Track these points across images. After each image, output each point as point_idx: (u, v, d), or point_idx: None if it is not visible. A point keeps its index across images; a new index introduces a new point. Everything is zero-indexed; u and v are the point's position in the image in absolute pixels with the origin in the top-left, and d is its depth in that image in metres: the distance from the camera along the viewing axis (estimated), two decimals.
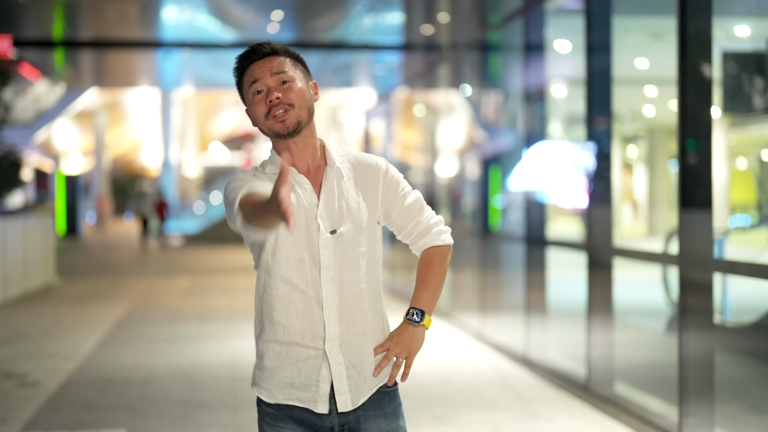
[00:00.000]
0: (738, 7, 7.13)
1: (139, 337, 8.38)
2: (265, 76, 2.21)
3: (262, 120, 2.22)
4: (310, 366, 2.21)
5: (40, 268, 13.07)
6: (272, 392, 2.24)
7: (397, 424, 2.29)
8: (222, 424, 5.20)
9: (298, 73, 2.25)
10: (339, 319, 2.20)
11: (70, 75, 24.10)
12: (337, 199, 2.24)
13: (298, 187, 2.23)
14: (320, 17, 15.03)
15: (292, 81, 2.22)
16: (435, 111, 11.85)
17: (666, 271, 8.26)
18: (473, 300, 8.79)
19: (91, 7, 14.80)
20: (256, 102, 2.22)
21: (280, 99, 2.19)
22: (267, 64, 2.22)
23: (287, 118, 2.19)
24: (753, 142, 9.05)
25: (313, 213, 2.22)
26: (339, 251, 2.21)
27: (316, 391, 2.21)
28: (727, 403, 5.27)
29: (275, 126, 2.20)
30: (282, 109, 2.19)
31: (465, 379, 6.50)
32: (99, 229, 35.25)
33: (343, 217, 2.23)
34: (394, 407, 2.29)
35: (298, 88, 2.22)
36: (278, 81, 2.21)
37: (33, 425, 5.21)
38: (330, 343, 2.20)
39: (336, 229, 2.22)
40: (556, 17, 7.47)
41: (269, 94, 2.20)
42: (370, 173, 2.30)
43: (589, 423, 5.24)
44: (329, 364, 2.20)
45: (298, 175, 2.23)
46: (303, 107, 2.21)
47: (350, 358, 2.22)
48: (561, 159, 9.50)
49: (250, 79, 2.23)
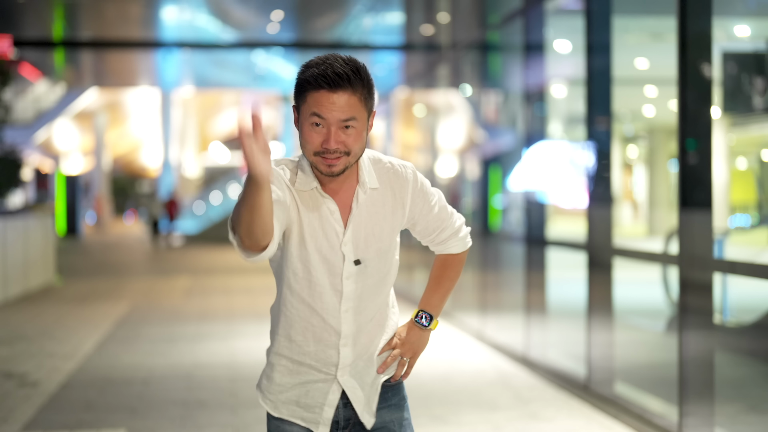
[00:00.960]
0: (738, 7, 7.13)
1: (139, 337, 8.38)
2: (331, 117, 2.02)
3: (310, 152, 2.07)
4: (317, 389, 2.20)
5: (40, 268, 13.07)
6: (277, 406, 2.23)
7: (402, 416, 2.29)
8: (222, 424, 5.20)
9: (364, 112, 2.07)
10: (353, 345, 2.19)
11: (70, 75, 24.11)
12: (364, 225, 2.15)
13: (326, 211, 2.12)
14: (320, 17, 15.03)
15: (355, 126, 2.05)
16: (435, 111, 11.85)
17: (666, 271, 8.26)
18: (473, 300, 8.79)
19: (91, 7, 14.80)
20: (311, 131, 2.05)
21: (339, 148, 2.04)
22: (338, 102, 2.02)
23: (337, 165, 2.06)
24: (753, 142, 9.05)
25: (338, 241, 2.13)
26: (360, 281, 2.16)
27: (320, 413, 2.20)
28: (727, 403, 5.27)
29: (321, 167, 2.07)
30: (335, 156, 2.05)
31: (465, 379, 6.50)
32: (98, 229, 35.26)
33: (368, 246, 2.16)
34: (398, 399, 2.30)
35: (358, 133, 2.06)
36: (342, 125, 2.04)
37: (33, 425, 5.21)
38: (342, 371, 2.19)
39: (360, 260, 2.15)
40: (556, 17, 7.47)
41: (328, 139, 2.03)
42: (398, 191, 2.20)
43: (589, 423, 5.24)
44: (341, 389, 2.20)
45: (326, 198, 2.12)
46: (356, 155, 2.08)
47: (362, 378, 2.22)
48: (561, 159, 9.49)
49: (314, 106, 2.03)
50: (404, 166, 2.24)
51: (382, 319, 2.25)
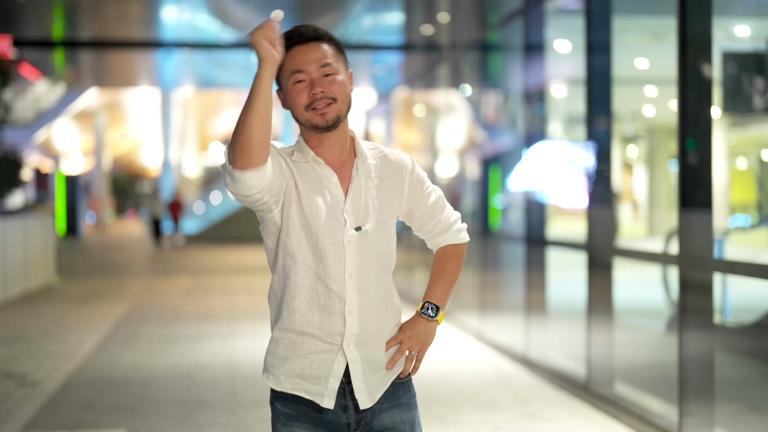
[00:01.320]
0: (738, 7, 7.14)
1: (139, 337, 8.38)
2: (309, 67, 2.14)
3: (301, 110, 2.16)
4: (322, 359, 2.17)
5: (40, 268, 13.07)
6: (280, 380, 2.19)
7: (413, 414, 2.30)
8: (222, 424, 5.20)
9: (340, 64, 2.19)
10: (359, 316, 2.17)
11: (70, 75, 24.11)
12: (363, 196, 2.20)
13: (326, 179, 2.19)
14: (320, 17, 15.03)
15: (336, 73, 2.16)
16: (435, 111, 11.85)
17: (666, 271, 8.26)
18: (473, 300, 8.79)
19: (91, 7, 14.80)
20: (297, 91, 2.15)
21: (324, 93, 2.14)
22: (312, 53, 2.15)
23: (328, 112, 2.15)
24: (753, 142, 9.05)
25: (339, 207, 2.17)
26: (362, 249, 2.18)
27: (325, 385, 2.17)
28: (727, 403, 5.27)
29: (315, 119, 2.15)
30: (324, 103, 2.14)
31: (465, 379, 6.50)
32: (98, 229, 35.26)
33: (369, 215, 2.20)
34: (408, 398, 2.30)
35: (341, 81, 2.17)
36: (322, 73, 2.15)
37: (33, 425, 5.21)
38: (348, 340, 2.17)
39: (361, 226, 2.18)
40: (556, 17, 7.47)
41: (313, 87, 2.14)
42: (397, 171, 2.27)
43: (589, 423, 5.24)
44: (346, 361, 2.18)
45: (325, 167, 2.19)
46: (344, 101, 2.17)
47: (365, 355, 2.20)
48: (561, 159, 9.49)
49: (292, 66, 2.15)
50: (402, 153, 2.32)
51: (388, 300, 2.24)
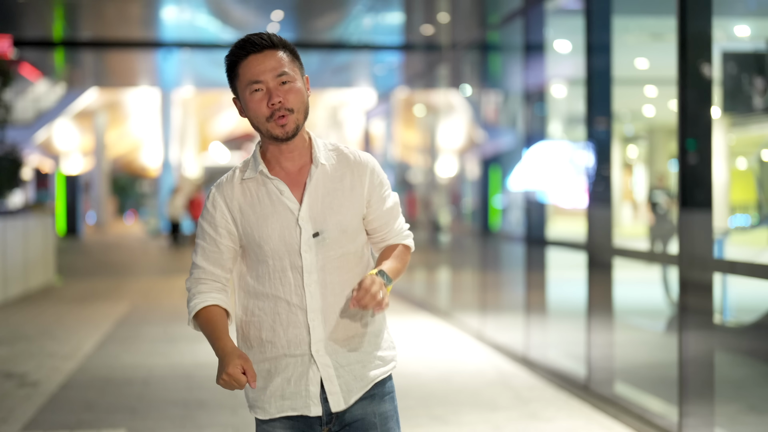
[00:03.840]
0: (738, 7, 7.14)
1: (139, 337, 8.38)
2: (265, 77, 2.15)
3: (261, 121, 2.17)
4: (298, 373, 2.21)
5: (40, 268, 13.07)
6: (266, 409, 2.24)
7: (385, 408, 2.27)
8: (222, 424, 5.20)
9: (296, 71, 2.19)
10: (323, 321, 2.19)
11: (70, 75, 24.11)
12: (321, 199, 2.21)
13: (276, 192, 2.21)
14: (320, 17, 15.02)
15: (292, 81, 2.17)
16: (435, 111, 11.85)
17: (666, 271, 8.26)
18: (473, 300, 8.79)
19: (91, 7, 14.80)
20: (255, 101, 2.16)
21: (282, 104, 2.15)
22: (267, 62, 2.15)
23: (287, 123, 2.16)
24: (753, 142, 9.05)
25: (294, 217, 2.19)
26: (321, 254, 2.19)
27: (307, 396, 2.20)
28: (727, 403, 5.28)
29: (275, 130, 2.16)
30: (282, 114, 2.15)
31: (465, 379, 6.50)
32: (98, 229, 35.27)
33: (326, 218, 2.20)
34: (381, 390, 2.28)
35: (298, 89, 2.17)
36: (279, 81, 2.16)
37: (33, 425, 5.21)
38: (315, 346, 2.19)
39: (318, 232, 2.19)
40: (556, 17, 7.46)
41: (271, 97, 2.15)
42: (357, 170, 2.25)
43: (589, 423, 5.24)
44: (317, 367, 2.20)
45: (274, 179, 2.21)
46: (301, 110, 2.18)
47: (337, 358, 2.22)
48: (561, 159, 9.49)
49: (249, 76, 2.16)
50: (364, 153, 2.30)
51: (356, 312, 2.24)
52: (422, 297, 10.88)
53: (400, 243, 2.36)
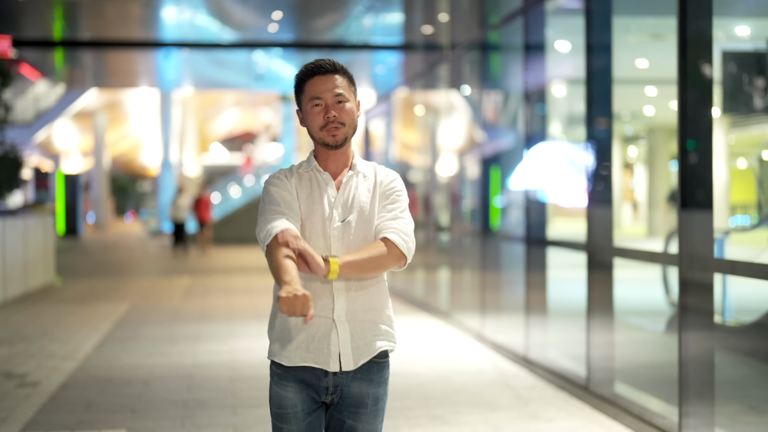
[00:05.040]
0: (738, 7, 7.13)
1: (139, 337, 8.38)
2: (326, 94, 2.64)
3: (316, 130, 2.66)
4: (321, 333, 2.62)
5: (40, 268, 13.07)
6: (291, 357, 2.64)
7: (378, 392, 2.70)
8: (222, 424, 5.20)
9: (351, 94, 2.68)
10: (345, 293, 2.64)
11: (70, 76, 24.10)
12: (351, 196, 2.69)
13: (323, 183, 2.70)
14: (320, 17, 15.02)
15: (346, 101, 2.66)
16: (435, 111, 11.85)
17: (666, 271, 8.26)
18: (473, 300, 8.79)
19: (91, 7, 14.80)
20: (314, 113, 2.65)
21: (336, 118, 2.63)
22: (329, 82, 2.65)
23: (338, 134, 2.65)
24: (753, 142, 9.05)
25: (331, 203, 2.68)
26: (346, 236, 2.66)
27: (328, 353, 2.62)
28: (727, 403, 5.27)
29: (326, 138, 2.66)
30: (335, 126, 2.64)
31: (465, 379, 6.50)
32: (98, 229, 35.25)
33: (353, 209, 2.68)
34: (379, 376, 2.70)
35: (350, 108, 2.66)
36: (336, 100, 2.64)
37: (33, 425, 5.21)
38: (338, 313, 2.63)
39: (346, 218, 2.66)
40: (556, 17, 7.46)
41: (327, 111, 2.64)
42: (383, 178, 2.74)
43: (589, 423, 5.24)
44: (337, 330, 2.62)
45: (324, 173, 2.71)
46: (351, 126, 2.68)
47: (354, 326, 2.64)
48: (561, 159, 9.49)
49: (312, 92, 2.65)
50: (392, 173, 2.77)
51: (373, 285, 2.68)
52: (422, 297, 10.88)
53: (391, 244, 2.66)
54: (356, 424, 2.67)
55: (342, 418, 2.68)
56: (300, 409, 2.65)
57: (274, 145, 47.74)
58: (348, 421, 2.67)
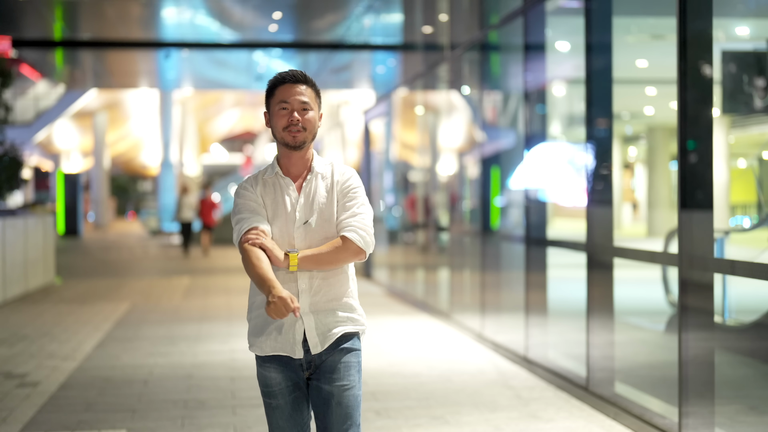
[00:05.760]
0: (738, 7, 7.13)
1: (139, 337, 8.38)
2: (293, 100, 2.95)
3: (279, 130, 2.97)
4: (288, 324, 2.97)
5: (40, 268, 13.07)
6: (263, 348, 3.01)
7: (349, 359, 3.01)
8: (222, 424, 5.20)
9: (315, 105, 3.00)
10: (309, 288, 2.97)
11: (70, 76, 24.09)
12: (312, 198, 3.01)
13: (285, 187, 3.02)
14: (320, 17, 15.03)
15: (310, 110, 2.98)
16: (435, 111, 11.85)
17: (666, 271, 8.26)
18: (473, 300, 8.79)
19: (91, 7, 14.80)
20: (280, 115, 2.97)
21: (299, 121, 2.95)
22: (297, 89, 2.96)
23: (298, 136, 2.96)
24: (753, 142, 9.05)
25: (294, 206, 2.99)
26: (308, 236, 2.98)
27: (293, 342, 2.97)
28: (727, 403, 5.27)
29: (287, 138, 2.97)
30: (297, 129, 2.95)
31: (465, 379, 6.50)
32: (98, 229, 35.24)
33: (313, 211, 3.00)
34: (348, 344, 3.02)
35: (312, 116, 2.98)
36: (301, 107, 2.96)
37: (33, 425, 5.21)
38: (302, 306, 2.95)
39: (307, 220, 2.99)
40: (556, 17, 7.46)
41: (292, 114, 2.95)
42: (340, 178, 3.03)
43: (589, 423, 5.24)
44: (302, 321, 2.96)
45: (285, 178, 3.02)
46: (311, 131, 2.98)
47: (317, 316, 2.99)
48: (561, 159, 9.49)
49: (281, 96, 2.96)
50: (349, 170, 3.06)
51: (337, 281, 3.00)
52: (422, 297, 10.88)
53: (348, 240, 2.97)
54: (331, 388, 2.98)
55: (320, 385, 2.99)
56: (284, 385, 3.01)
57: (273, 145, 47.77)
58: (324, 387, 2.98)
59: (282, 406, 3.02)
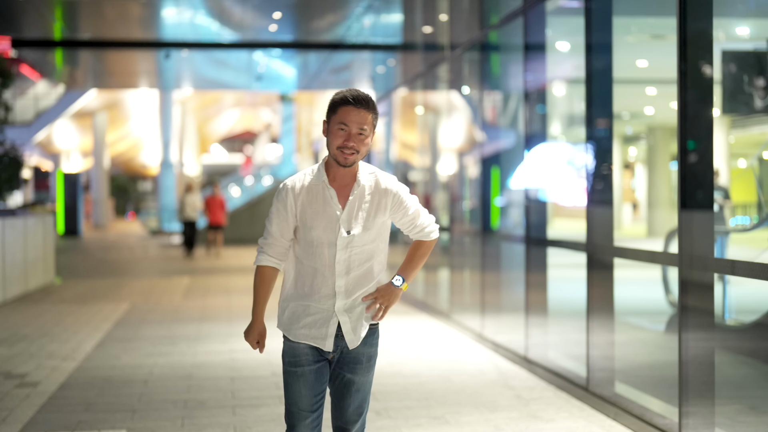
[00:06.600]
0: (738, 7, 7.13)
1: (139, 337, 8.38)
2: (352, 124, 3.12)
3: (333, 146, 3.15)
4: (321, 320, 3.22)
5: (40, 268, 13.07)
6: (296, 335, 3.24)
7: (371, 351, 3.31)
8: (222, 424, 5.20)
9: (372, 130, 3.18)
10: (345, 290, 3.22)
11: (70, 76, 24.09)
12: (356, 209, 3.21)
13: (329, 198, 3.20)
14: (320, 17, 15.03)
15: (367, 136, 3.16)
16: (435, 111, 11.85)
17: (666, 271, 8.26)
18: (473, 300, 8.79)
19: (91, 7, 14.81)
20: (338, 134, 3.14)
21: (354, 147, 3.13)
22: (359, 115, 3.12)
23: (350, 158, 3.14)
24: (753, 142, 9.05)
25: (336, 217, 3.18)
26: (349, 248, 3.20)
27: (325, 334, 3.22)
28: (727, 403, 5.27)
29: (339, 157, 3.15)
30: (350, 152, 3.13)
31: (465, 379, 6.50)
32: (97, 229, 35.22)
33: (357, 222, 3.21)
34: (372, 339, 3.31)
35: (367, 142, 3.17)
36: (358, 132, 3.13)
37: (33, 425, 5.21)
38: (338, 306, 3.22)
39: (350, 230, 3.19)
40: (556, 17, 7.46)
41: (349, 138, 3.12)
42: (384, 194, 3.25)
43: (589, 423, 5.24)
44: (337, 319, 3.22)
45: (330, 189, 3.20)
46: (363, 153, 3.18)
47: (351, 315, 3.25)
48: (561, 159, 9.49)
49: (342, 117, 3.13)
50: (392, 182, 3.28)
51: (369, 276, 3.27)
52: (422, 297, 10.88)
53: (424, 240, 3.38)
54: (354, 377, 3.27)
55: (342, 373, 3.27)
56: (311, 357, 3.23)
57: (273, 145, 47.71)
58: (347, 375, 3.27)
59: (306, 374, 3.22)
